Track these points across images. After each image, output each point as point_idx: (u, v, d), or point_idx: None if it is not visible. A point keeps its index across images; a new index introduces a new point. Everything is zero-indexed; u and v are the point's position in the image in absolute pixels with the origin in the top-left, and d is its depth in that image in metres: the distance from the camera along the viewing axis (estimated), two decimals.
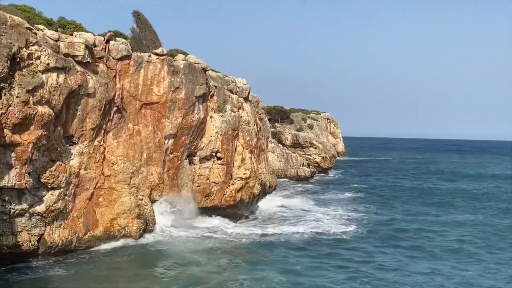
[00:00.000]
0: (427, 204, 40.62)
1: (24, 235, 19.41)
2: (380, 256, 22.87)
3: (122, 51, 23.24)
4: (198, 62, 27.87)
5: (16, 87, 17.61)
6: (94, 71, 22.04)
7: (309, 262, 21.24)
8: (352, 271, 20.05)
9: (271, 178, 38.61)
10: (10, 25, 17.79)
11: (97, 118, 21.91)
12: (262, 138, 37.31)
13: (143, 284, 17.84)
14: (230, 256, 21.70)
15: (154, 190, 24.85)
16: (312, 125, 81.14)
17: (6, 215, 18.77)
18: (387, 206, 38.63)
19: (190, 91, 26.44)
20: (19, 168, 18.23)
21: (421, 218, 33.33)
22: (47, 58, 19.05)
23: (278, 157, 54.91)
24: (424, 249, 24.49)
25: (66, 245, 20.91)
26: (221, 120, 29.46)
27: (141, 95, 24.29)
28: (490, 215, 35.40)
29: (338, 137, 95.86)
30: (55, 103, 19.41)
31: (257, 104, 39.17)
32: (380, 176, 66.14)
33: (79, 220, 21.53)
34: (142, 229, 23.40)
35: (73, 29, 22.05)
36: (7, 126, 17.51)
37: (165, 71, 25.09)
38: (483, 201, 43.06)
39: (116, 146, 23.31)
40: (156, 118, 25.07)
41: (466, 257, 23.16)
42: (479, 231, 29.16)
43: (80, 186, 21.52)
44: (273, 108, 73.45)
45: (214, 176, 29.52)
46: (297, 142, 68.00)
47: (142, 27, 26.85)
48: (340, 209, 36.24)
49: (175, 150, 26.41)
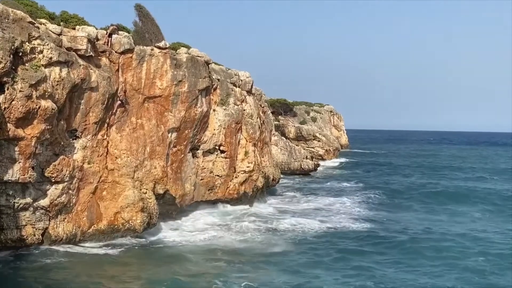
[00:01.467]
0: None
1: (29, 229, 19.51)
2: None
3: (124, 44, 23.20)
4: (201, 55, 27.80)
5: (19, 82, 17.63)
6: (97, 65, 22.03)
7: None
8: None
9: (275, 171, 38.65)
10: (12, 19, 17.79)
11: (100, 112, 21.91)
12: (266, 131, 37.32)
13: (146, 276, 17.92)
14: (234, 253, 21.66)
15: (158, 183, 24.88)
16: (315, 118, 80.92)
17: (10, 209, 18.87)
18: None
19: (193, 85, 26.41)
20: (23, 162, 18.29)
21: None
22: (50, 52, 19.05)
23: (281, 150, 54.83)
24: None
25: (70, 239, 21.01)
26: (224, 113, 29.45)
27: (144, 88, 24.27)
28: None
29: (341, 129, 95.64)
30: (58, 97, 19.43)
31: (260, 97, 39.13)
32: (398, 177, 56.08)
33: (83, 213, 21.60)
34: (146, 222, 23.45)
35: (75, 23, 22.01)
36: (11, 121, 17.55)
37: (168, 65, 25.05)
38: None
39: (119, 140, 23.33)
40: (159, 112, 25.06)
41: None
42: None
43: (83, 180, 21.58)
44: (276, 101, 73.23)
45: (218, 169, 29.56)
46: (300, 135, 67.95)
47: (144, 20, 26.74)
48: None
49: (179, 143, 26.41)
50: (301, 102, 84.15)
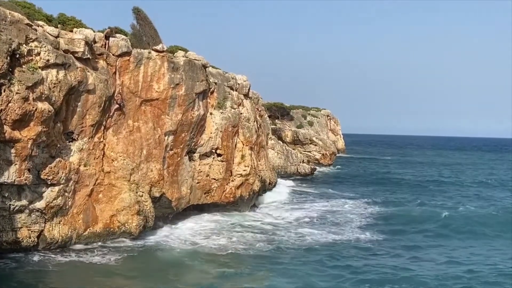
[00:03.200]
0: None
1: (24, 231, 19.45)
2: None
3: (122, 47, 23.20)
4: (198, 59, 27.83)
5: (16, 83, 17.61)
6: (94, 67, 22.02)
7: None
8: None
9: (271, 174, 38.68)
10: (10, 21, 17.77)
11: (97, 115, 21.89)
12: (262, 135, 37.36)
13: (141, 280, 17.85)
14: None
15: (154, 186, 24.85)
16: (312, 122, 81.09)
17: (6, 211, 18.81)
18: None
19: (190, 88, 26.42)
20: (19, 164, 18.24)
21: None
22: (47, 54, 19.03)
23: (278, 154, 54.91)
24: None
25: (66, 241, 20.94)
26: (221, 116, 29.45)
27: (141, 91, 24.27)
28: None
29: (338, 134, 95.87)
30: (55, 100, 19.41)
31: (257, 101, 39.24)
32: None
33: (79, 216, 21.55)
34: (142, 225, 23.40)
35: (73, 26, 22.02)
36: (7, 122, 17.51)
37: (165, 68, 25.06)
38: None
39: (116, 142, 23.31)
40: (156, 115, 25.06)
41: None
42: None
43: (79, 183, 21.53)
44: (273, 104, 73.34)
45: (214, 172, 29.54)
46: (297, 139, 68.01)
47: (142, 23, 26.81)
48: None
49: (175, 146, 26.40)
50: (298, 106, 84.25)
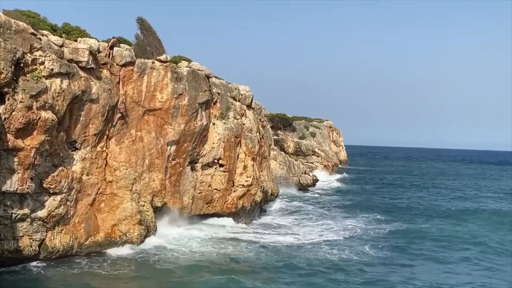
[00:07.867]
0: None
1: (25, 240, 19.39)
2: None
3: (126, 57, 23.31)
4: (202, 69, 27.93)
5: (19, 92, 17.66)
6: (98, 77, 22.11)
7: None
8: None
9: (273, 185, 38.63)
10: (14, 30, 17.89)
11: (100, 124, 21.94)
12: (265, 146, 37.36)
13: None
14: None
15: (156, 196, 24.83)
16: (314, 133, 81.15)
17: (7, 219, 18.77)
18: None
19: (193, 98, 26.49)
20: (22, 173, 18.24)
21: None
22: (51, 64, 19.12)
23: (280, 165, 54.80)
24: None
25: (67, 250, 20.89)
26: (223, 127, 29.50)
27: (144, 101, 24.34)
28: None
29: (340, 145, 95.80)
30: (59, 109, 19.46)
31: (260, 112, 39.27)
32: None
33: (81, 225, 21.51)
34: (144, 235, 23.36)
35: (77, 35, 22.14)
36: (10, 131, 17.54)
37: (169, 78, 25.15)
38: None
39: (118, 152, 23.33)
40: (158, 125, 25.11)
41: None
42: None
43: (82, 192, 21.52)
44: (275, 115, 73.48)
45: (216, 183, 29.52)
46: (299, 150, 67.97)
47: (146, 33, 26.97)
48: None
49: (178, 156, 26.42)
50: (300, 117, 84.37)
